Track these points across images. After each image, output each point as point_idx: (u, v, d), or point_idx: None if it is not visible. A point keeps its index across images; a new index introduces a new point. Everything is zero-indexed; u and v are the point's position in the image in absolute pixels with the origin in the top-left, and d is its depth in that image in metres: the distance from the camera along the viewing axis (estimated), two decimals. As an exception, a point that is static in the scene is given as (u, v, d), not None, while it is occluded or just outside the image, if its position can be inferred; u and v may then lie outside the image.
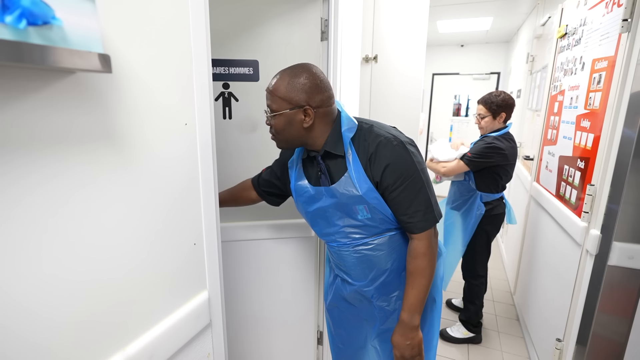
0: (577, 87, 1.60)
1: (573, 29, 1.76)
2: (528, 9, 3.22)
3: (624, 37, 1.22)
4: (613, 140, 1.23)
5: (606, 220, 1.23)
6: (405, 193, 0.91)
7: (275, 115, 0.93)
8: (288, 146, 1.00)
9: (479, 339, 2.07)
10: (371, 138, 0.92)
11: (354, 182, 0.92)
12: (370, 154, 0.91)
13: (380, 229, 0.99)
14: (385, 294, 1.05)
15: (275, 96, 0.91)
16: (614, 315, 1.23)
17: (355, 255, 1.03)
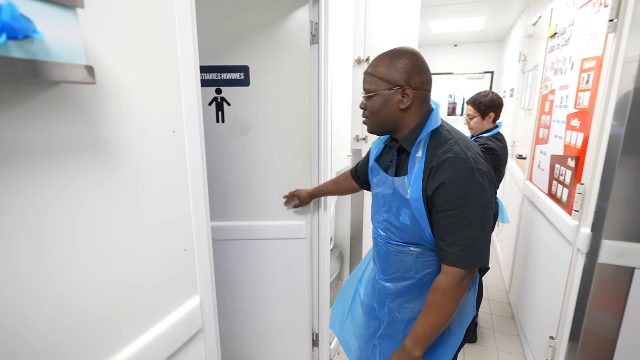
0: (567, 86, 1.62)
1: (562, 29, 1.77)
2: (520, 8, 3.24)
3: (610, 37, 1.23)
4: (602, 139, 1.24)
5: (596, 218, 1.25)
6: (452, 220, 0.85)
7: (371, 96, 0.92)
8: (379, 130, 0.98)
9: (474, 338, 2.09)
10: (443, 150, 0.87)
11: (408, 185, 0.90)
12: (432, 166, 0.86)
13: (415, 241, 0.95)
14: (401, 300, 1.02)
15: (374, 77, 0.91)
16: (605, 312, 1.25)
17: (386, 249, 1.02)
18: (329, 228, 1.66)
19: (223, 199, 1.58)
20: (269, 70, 1.46)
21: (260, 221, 1.59)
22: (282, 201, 1.55)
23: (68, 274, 0.52)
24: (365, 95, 0.95)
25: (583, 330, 1.29)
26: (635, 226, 1.15)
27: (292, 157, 1.52)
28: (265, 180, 1.55)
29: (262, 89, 1.49)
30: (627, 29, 1.14)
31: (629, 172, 1.13)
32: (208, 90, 1.48)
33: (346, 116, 1.85)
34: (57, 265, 0.50)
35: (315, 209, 1.61)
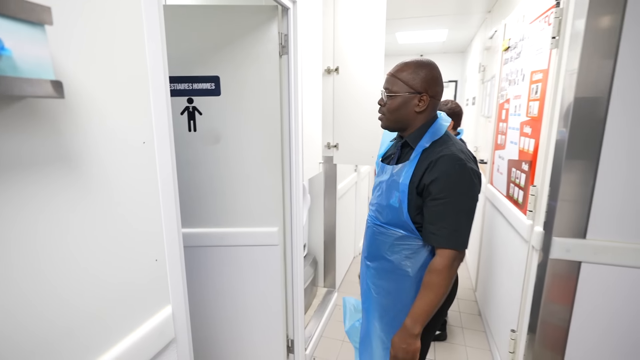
0: (520, 96, 1.75)
1: (515, 43, 1.92)
2: (478, 22, 3.46)
3: (553, 52, 1.36)
4: (550, 144, 1.36)
5: (547, 217, 1.35)
6: (444, 207, 0.97)
7: (393, 95, 1.06)
8: (392, 126, 1.12)
9: (444, 336, 2.17)
10: (441, 148, 1.02)
11: (404, 173, 1.04)
12: (431, 161, 0.99)
13: (398, 223, 1.07)
14: (377, 277, 1.15)
15: (398, 79, 1.05)
16: (558, 304, 1.35)
17: (372, 230, 1.15)
18: (301, 235, 1.69)
19: (196, 206, 1.59)
20: (239, 80, 1.49)
21: (233, 228, 1.60)
22: (254, 207, 1.57)
23: (32, 287, 0.52)
24: (387, 94, 1.08)
25: (539, 321, 1.39)
26: (580, 223, 1.26)
27: (263, 164, 1.54)
28: (237, 187, 1.57)
29: (233, 99, 1.52)
30: (567, 46, 1.26)
31: (573, 175, 1.24)
32: (180, 99, 1.52)
33: (317, 124, 1.89)
34: (21, 276, 0.50)
35: (288, 216, 1.63)
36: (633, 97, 1.13)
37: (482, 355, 2.01)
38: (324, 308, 2.39)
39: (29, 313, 0.51)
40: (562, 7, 1.30)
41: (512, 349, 1.62)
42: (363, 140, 2.15)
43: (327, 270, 2.61)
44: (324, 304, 2.44)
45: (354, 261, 3.31)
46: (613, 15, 1.11)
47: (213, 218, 1.60)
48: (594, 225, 1.24)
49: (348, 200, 2.98)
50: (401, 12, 3.11)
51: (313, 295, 2.49)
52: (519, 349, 1.58)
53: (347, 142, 2.19)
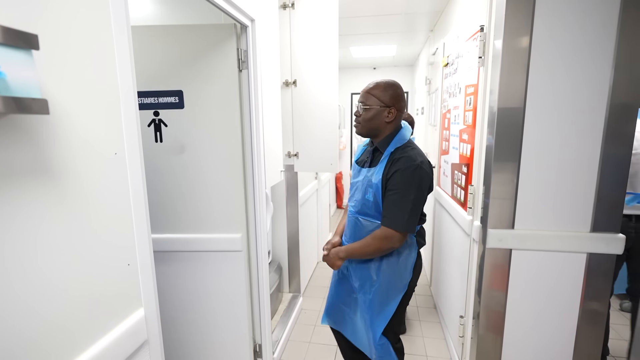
0: (458, 107, 1.98)
1: (452, 60, 2.16)
2: (423, 39, 3.77)
3: (481, 69, 1.57)
4: (482, 149, 1.56)
5: (483, 212, 1.55)
6: (395, 197, 1.26)
7: (368, 108, 1.32)
8: (365, 132, 1.37)
9: (403, 329, 2.33)
10: (402, 151, 1.30)
11: (375, 173, 1.31)
12: (393, 160, 1.28)
13: (373, 214, 1.34)
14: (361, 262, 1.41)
15: (371, 95, 1.32)
16: (496, 289, 1.54)
17: (354, 221, 1.42)
18: (265, 241, 1.76)
19: (163, 213, 1.65)
20: (201, 94, 1.56)
21: (197, 234, 1.66)
22: (218, 215, 1.63)
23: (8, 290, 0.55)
24: (363, 107, 1.33)
25: (481, 307, 1.57)
26: (508, 216, 1.46)
27: (225, 173, 1.61)
28: (201, 195, 1.63)
29: (196, 111, 1.58)
30: (490, 63, 1.47)
31: (501, 175, 1.44)
32: (147, 112, 1.60)
33: (277, 134, 1.98)
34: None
35: (252, 223, 1.69)
36: (542, 105, 1.35)
37: (437, 344, 2.18)
38: (289, 313, 2.45)
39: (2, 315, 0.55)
40: (485, 32, 1.52)
41: (461, 333, 1.80)
42: (321, 149, 2.27)
43: (292, 276, 2.68)
44: (289, 308, 2.50)
45: (318, 266, 3.41)
46: (523, 38, 1.33)
47: (179, 224, 1.66)
48: (519, 216, 1.44)
49: (310, 207, 3.09)
50: (354, 28, 3.32)
51: (279, 300, 2.54)
52: (467, 333, 1.76)
53: (307, 151, 2.30)
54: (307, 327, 2.39)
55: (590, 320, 1.45)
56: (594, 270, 1.41)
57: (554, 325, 1.48)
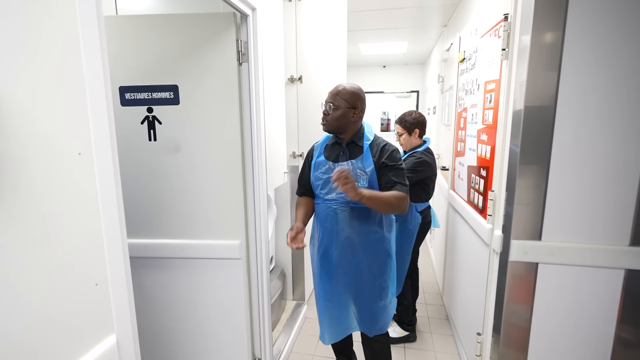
0: (476, 105, 1.82)
1: (469, 55, 2.01)
2: (436, 35, 3.61)
3: (504, 63, 1.42)
4: (504, 150, 1.41)
5: (505, 221, 1.40)
6: (398, 171, 1.46)
7: (337, 108, 1.45)
8: (333, 130, 1.50)
9: (413, 337, 2.20)
10: (379, 141, 1.51)
11: (364, 162, 1.45)
12: (378, 148, 1.47)
13: None
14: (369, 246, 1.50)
15: (340, 97, 1.45)
16: (519, 304, 1.39)
17: (342, 211, 1.48)
18: (266, 249, 1.63)
19: (157, 216, 1.55)
20: (197, 89, 1.44)
21: (193, 239, 1.55)
22: (214, 219, 1.52)
23: None
24: (333, 107, 1.45)
25: (503, 323, 1.42)
26: (535, 225, 1.31)
27: (224, 174, 1.49)
28: (197, 197, 1.52)
29: (192, 107, 1.47)
30: (515, 57, 1.32)
31: (527, 179, 1.29)
32: (140, 109, 1.49)
33: (281, 133, 1.86)
34: None
35: (252, 229, 1.57)
36: (576, 104, 1.20)
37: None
38: (293, 322, 2.32)
39: None
40: (509, 21, 1.37)
41: (478, 352, 1.65)
42: (328, 149, 2.14)
43: (296, 283, 2.55)
44: (293, 317, 2.37)
45: (324, 271, 3.27)
46: (556, 27, 1.18)
47: (174, 228, 1.55)
48: (548, 227, 1.29)
49: (316, 210, 2.96)
50: (363, 23, 3.18)
51: (282, 309, 2.42)
52: (485, 352, 1.61)
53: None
54: (311, 338, 2.26)
55: (627, 344, 1.29)
56: (632, 288, 1.25)
57: (586, 348, 1.33)
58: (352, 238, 1.49)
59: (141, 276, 1.60)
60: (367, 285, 1.52)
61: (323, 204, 1.52)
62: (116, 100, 1.48)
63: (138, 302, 1.61)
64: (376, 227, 1.50)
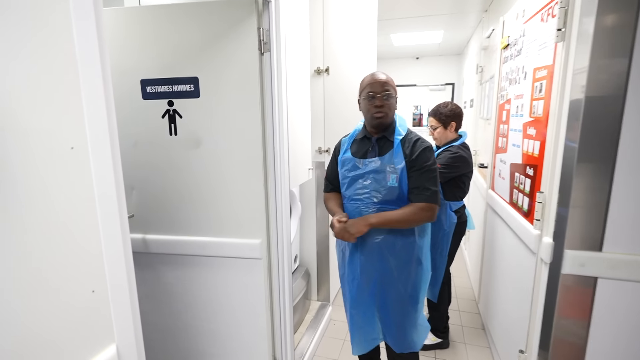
0: (522, 95, 1.63)
1: (514, 40, 1.81)
2: (475, 22, 3.36)
3: (559, 46, 1.24)
4: (557, 146, 1.23)
5: (557, 227, 1.22)
6: (429, 174, 1.32)
7: (390, 96, 1.35)
8: (387, 122, 1.38)
9: (446, 344, 2.06)
10: (413, 136, 1.39)
11: (395, 159, 1.33)
12: (413, 143, 1.35)
13: (392, 199, 1.34)
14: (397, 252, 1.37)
15: (390, 85, 1.36)
16: (573, 320, 1.21)
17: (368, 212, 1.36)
18: (288, 248, 1.55)
19: (178, 212, 1.52)
20: (218, 81, 1.38)
21: (214, 237, 1.51)
22: (235, 217, 1.47)
23: None
24: (391, 96, 1.35)
25: (552, 339, 1.25)
26: (595, 234, 1.13)
27: (244, 170, 1.43)
28: (217, 193, 1.48)
29: (212, 100, 1.41)
30: (574, 39, 1.14)
31: (586, 179, 1.11)
32: (161, 102, 1.46)
33: (306, 127, 1.77)
34: None
35: (273, 227, 1.49)
36: (652, 92, 1.01)
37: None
38: (317, 323, 2.24)
39: None
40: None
41: (520, 371, 1.48)
42: (355, 145, 2.02)
43: (321, 283, 2.47)
44: (317, 319, 2.29)
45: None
46: (626, 13, 1.00)
47: (195, 225, 1.52)
48: (610, 236, 1.11)
49: (342, 207, 2.85)
50: (394, 11, 3.00)
51: (305, 309, 2.34)
52: (528, 371, 1.44)
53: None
54: (336, 342, 2.17)
55: None
56: None
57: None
58: (379, 242, 1.37)
59: (163, 273, 1.58)
60: (394, 293, 1.39)
61: (349, 204, 1.41)
62: (138, 93, 1.46)
63: (158, 299, 1.60)
64: (406, 231, 1.37)
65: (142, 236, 1.55)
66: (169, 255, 1.55)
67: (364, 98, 1.38)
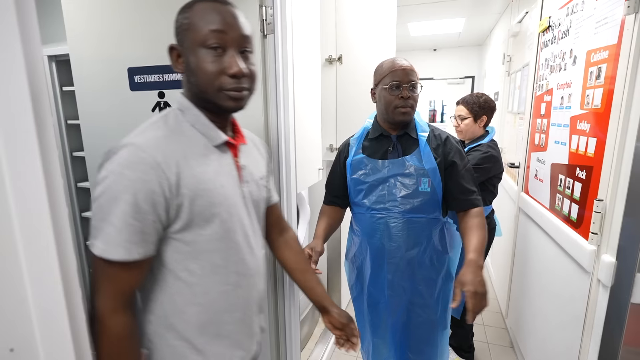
0: (569, 84, 1.39)
1: (558, 21, 1.56)
2: (501, 8, 3.09)
3: (629, 20, 1.00)
4: (625, 145, 1.00)
5: (624, 244, 0.99)
6: (470, 174, 1.17)
7: (415, 87, 1.16)
8: (412, 116, 1.19)
9: (471, 357, 1.84)
10: (439, 132, 1.20)
11: (424, 159, 1.13)
12: (443, 141, 1.17)
13: (427, 208, 1.15)
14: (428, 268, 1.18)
15: (416, 74, 1.17)
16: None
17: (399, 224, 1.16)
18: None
19: None
20: (213, 67, 1.19)
21: None
22: None
23: None
24: (417, 87, 1.16)
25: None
26: (675, 255, 0.90)
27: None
28: None
29: (208, 91, 1.22)
30: (653, 8, 0.90)
31: (665, 187, 0.88)
32: (150, 93, 1.27)
33: (315, 122, 1.57)
34: None
35: (278, 238, 1.30)
36: None
37: (520, 404, 1.65)
38: (327, 337, 2.05)
39: None
40: (644, -45, 0.95)
41: (566, 409, 1.26)
42: (372, 142, 1.81)
43: (332, 292, 2.28)
44: (327, 332, 2.10)
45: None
46: None
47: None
48: (699, 258, 0.88)
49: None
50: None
51: (315, 322, 2.16)
52: (577, 411, 1.22)
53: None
54: (347, 357, 1.98)
55: None
56: None
57: None
58: (408, 258, 1.17)
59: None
60: (423, 317, 1.20)
61: (368, 214, 1.21)
62: (125, 84, 1.28)
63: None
64: (438, 243, 1.17)
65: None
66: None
67: (383, 87, 1.16)
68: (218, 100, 0.70)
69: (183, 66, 0.73)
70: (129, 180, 0.60)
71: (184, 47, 0.71)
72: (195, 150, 0.70)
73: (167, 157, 0.64)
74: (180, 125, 0.71)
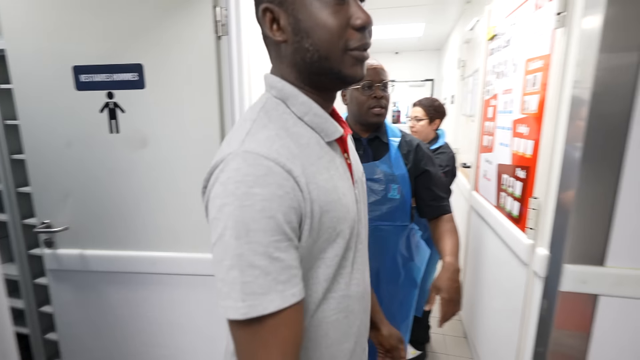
0: (511, 90, 1.50)
1: (502, 30, 1.67)
2: (456, 14, 3.24)
3: (559, 32, 1.10)
4: (555, 146, 1.10)
5: (555, 237, 1.09)
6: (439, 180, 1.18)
7: (387, 87, 1.13)
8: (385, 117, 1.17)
9: (424, 355, 1.93)
10: (410, 138, 1.21)
11: (393, 164, 1.13)
12: (415, 148, 1.18)
13: (396, 216, 1.14)
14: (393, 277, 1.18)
15: (386, 73, 1.14)
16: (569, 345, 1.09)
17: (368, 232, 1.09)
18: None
19: (122, 224, 1.29)
20: (166, 68, 1.17)
21: (165, 252, 1.29)
22: (194, 228, 1.25)
23: None
24: (388, 85, 1.14)
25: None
26: (596, 246, 1.00)
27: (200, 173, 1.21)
28: (170, 201, 1.26)
29: (160, 92, 1.19)
30: (577, 23, 1.00)
31: (588, 185, 0.98)
32: (99, 94, 1.21)
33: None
34: None
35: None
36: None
37: (472, 390, 1.75)
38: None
39: None
40: (569, -25, 1.04)
41: (510, 392, 1.35)
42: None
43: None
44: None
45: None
46: None
47: (141, 239, 1.30)
48: (615, 248, 0.98)
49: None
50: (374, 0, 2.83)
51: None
52: (519, 394, 1.31)
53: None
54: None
55: None
56: None
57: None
58: (373, 267, 1.13)
59: (106, 294, 1.35)
60: None
61: None
62: (70, 83, 1.21)
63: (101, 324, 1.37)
64: (405, 251, 1.18)
65: (80, 252, 1.31)
66: (113, 273, 1.32)
67: (355, 88, 1.12)
68: (343, 67, 0.52)
69: (284, 31, 0.52)
70: (261, 200, 0.43)
71: (287, 3, 0.50)
72: (311, 151, 0.52)
73: (294, 163, 0.47)
74: (284, 118, 0.53)
